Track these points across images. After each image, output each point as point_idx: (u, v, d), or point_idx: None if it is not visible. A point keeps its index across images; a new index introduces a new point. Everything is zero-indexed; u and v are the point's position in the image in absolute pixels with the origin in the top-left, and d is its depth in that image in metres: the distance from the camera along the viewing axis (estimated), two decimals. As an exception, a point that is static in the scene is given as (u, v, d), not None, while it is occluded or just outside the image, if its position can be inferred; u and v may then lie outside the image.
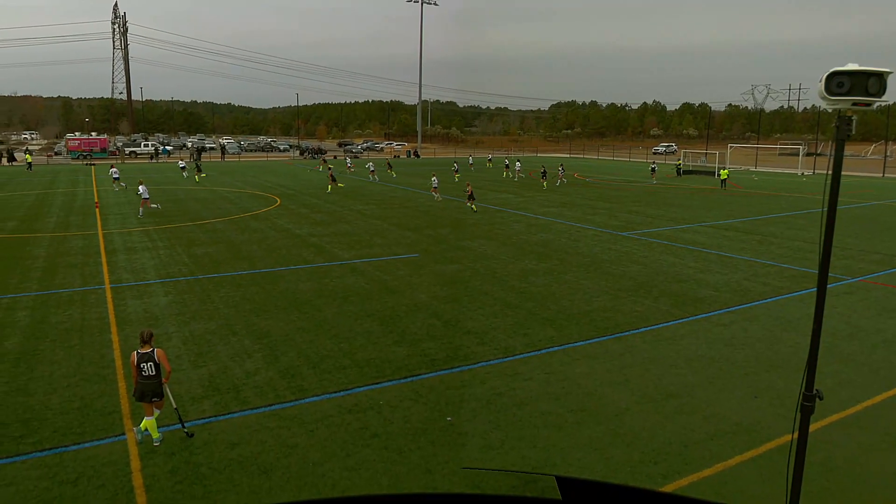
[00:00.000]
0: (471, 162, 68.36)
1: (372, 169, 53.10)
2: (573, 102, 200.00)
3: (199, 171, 50.21)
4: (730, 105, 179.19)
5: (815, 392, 5.06)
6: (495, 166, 68.85)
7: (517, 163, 59.34)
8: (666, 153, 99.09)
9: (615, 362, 12.18)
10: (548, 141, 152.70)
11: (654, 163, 56.62)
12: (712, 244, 24.12)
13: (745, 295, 16.94)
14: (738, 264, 20.67)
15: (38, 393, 10.77)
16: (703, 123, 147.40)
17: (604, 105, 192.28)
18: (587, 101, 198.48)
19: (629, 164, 74.94)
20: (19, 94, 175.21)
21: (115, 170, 46.23)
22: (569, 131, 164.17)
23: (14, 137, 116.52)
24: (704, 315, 15.18)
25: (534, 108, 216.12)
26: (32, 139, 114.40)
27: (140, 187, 31.27)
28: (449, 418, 9.87)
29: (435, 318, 14.88)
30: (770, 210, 34.61)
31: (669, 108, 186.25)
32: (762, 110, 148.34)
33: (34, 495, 7.87)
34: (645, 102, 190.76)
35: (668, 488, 8.02)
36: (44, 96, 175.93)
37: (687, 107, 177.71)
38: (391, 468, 8.50)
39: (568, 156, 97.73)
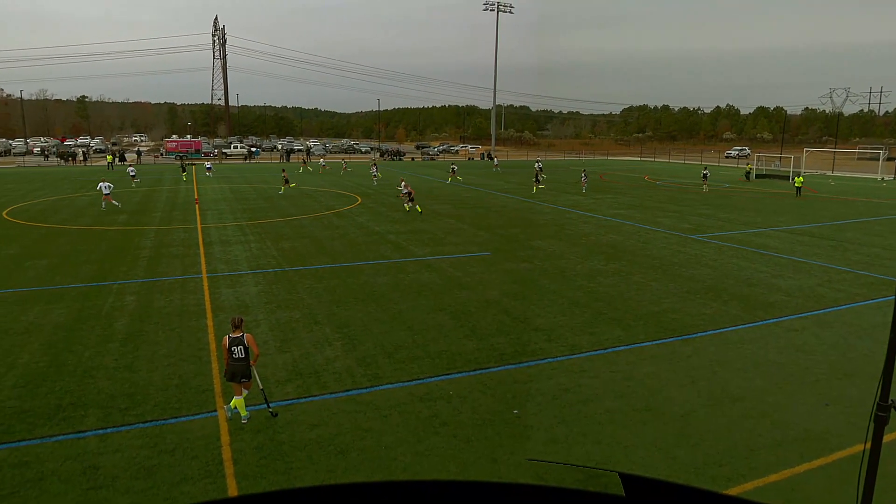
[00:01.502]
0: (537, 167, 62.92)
1: (375, 174, 49.22)
2: (645, 106, 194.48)
3: (287, 182, 43.17)
4: (806, 109, 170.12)
5: (890, 402, 4.76)
6: (564, 171, 67.70)
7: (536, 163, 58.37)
8: (738, 157, 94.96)
9: (682, 364, 11.80)
10: (619, 144, 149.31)
11: (705, 168, 50.68)
12: (785, 249, 22.98)
13: (818, 301, 16.06)
14: (811, 269, 19.62)
15: (142, 370, 11.37)
16: (778, 127, 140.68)
17: (676, 109, 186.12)
18: (659, 104, 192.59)
19: (699, 168, 72.35)
20: (131, 101, 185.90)
21: (132, 168, 48.76)
22: (640, 135, 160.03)
23: (126, 139, 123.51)
24: (775, 320, 14.48)
25: (606, 112, 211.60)
26: (142, 141, 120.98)
27: (101, 184, 32.94)
28: (515, 411, 9.82)
29: (504, 314, 14.82)
30: (847, 215, 32.65)
31: (743, 111, 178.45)
32: (840, 114, 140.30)
33: (137, 462, 8.32)
34: (718, 106, 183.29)
35: (733, 491, 7.71)
36: (152, 102, 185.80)
37: (762, 110, 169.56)
38: (459, 455, 8.53)
39: (639, 159, 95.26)
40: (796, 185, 42.58)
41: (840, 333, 13.59)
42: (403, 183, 33.97)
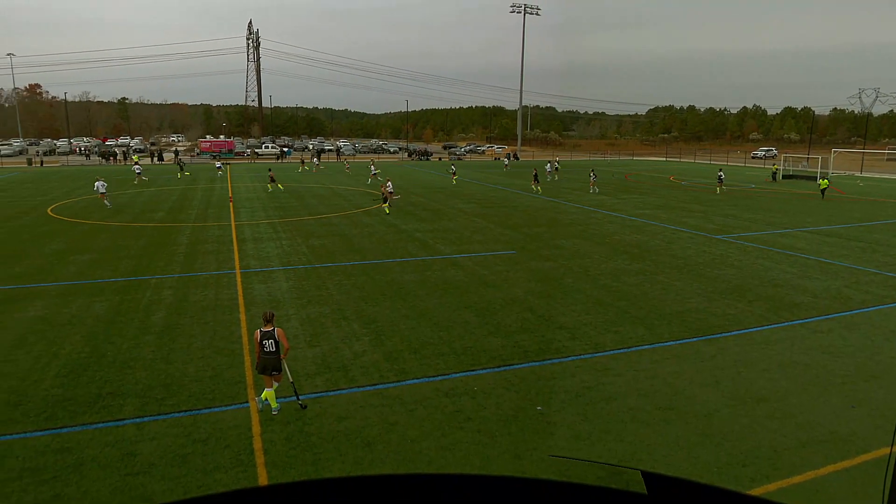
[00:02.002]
0: (549, 169, 57.26)
1: (374, 171, 47.88)
2: (671, 107, 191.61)
3: (273, 180, 43.45)
4: (834, 109, 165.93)
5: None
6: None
7: (547, 165, 57.59)
8: (765, 157, 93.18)
9: (706, 363, 11.63)
10: (644, 144, 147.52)
11: (720, 170, 47.39)
12: (811, 250, 22.49)
13: (845, 302, 15.70)
14: (838, 271, 19.18)
15: (178, 362, 11.58)
16: (806, 128, 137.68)
17: (702, 109, 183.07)
18: (685, 105, 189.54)
19: (726, 168, 71.18)
20: (169, 102, 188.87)
21: (138, 166, 49.60)
22: (665, 135, 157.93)
23: (164, 140, 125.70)
24: (801, 321, 14.19)
25: (631, 113, 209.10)
26: (179, 141, 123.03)
27: (97, 183, 33.56)
28: (539, 408, 9.78)
29: (529, 312, 14.76)
30: (875, 216, 31.82)
31: (770, 112, 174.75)
32: (870, 114, 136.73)
33: (172, 450, 8.48)
34: (745, 106, 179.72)
35: (756, 492, 7.58)
36: (189, 104, 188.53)
37: (789, 111, 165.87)
38: (482, 451, 8.53)
39: (664, 159, 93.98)
40: (821, 186, 40.61)
41: (867, 335, 13.27)
42: (389, 183, 34.33)
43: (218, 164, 57.97)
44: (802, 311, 14.96)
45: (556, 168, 57.72)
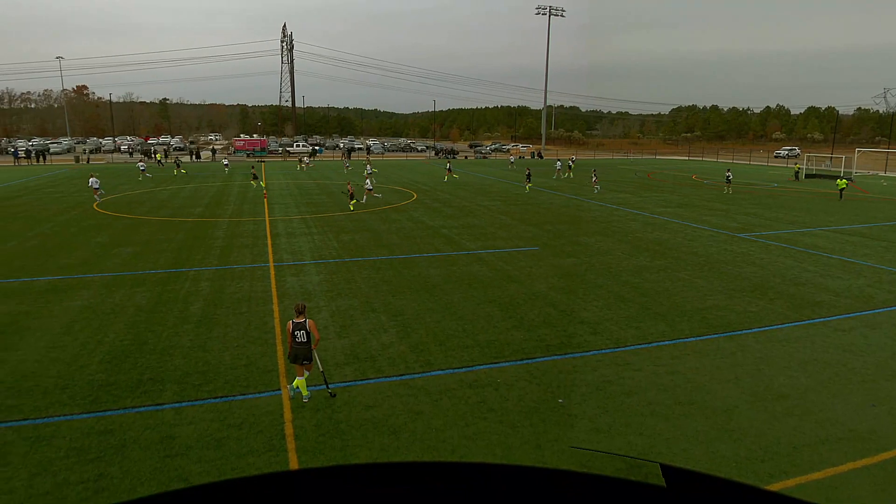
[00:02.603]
0: (559, 166, 56.63)
1: (369, 171, 45.63)
2: (694, 107, 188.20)
3: (255, 178, 40.67)
4: (859, 109, 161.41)
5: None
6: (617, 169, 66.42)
7: (557, 163, 57.74)
8: (788, 157, 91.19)
9: (726, 360, 11.44)
10: (667, 144, 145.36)
11: (729, 170, 45.15)
12: (834, 248, 21.96)
13: (867, 301, 15.30)
14: (861, 270, 18.70)
15: (214, 350, 11.77)
16: (829, 128, 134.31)
17: (725, 109, 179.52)
18: (708, 105, 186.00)
19: (748, 167, 69.80)
20: (207, 103, 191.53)
21: (142, 164, 51.08)
22: (688, 134, 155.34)
23: (202, 139, 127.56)
24: (822, 319, 13.88)
25: (654, 112, 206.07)
26: (216, 140, 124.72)
27: (91, 179, 34.90)
28: (560, 400, 9.73)
29: (551, 307, 14.68)
30: (900, 217, 30.94)
31: (794, 111, 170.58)
32: (894, 114, 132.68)
33: (208, 434, 8.63)
34: (768, 106, 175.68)
35: (775, 487, 7.44)
36: (226, 104, 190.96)
37: (812, 111, 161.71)
38: (505, 440, 8.51)
39: (687, 158, 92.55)
40: (840, 187, 38.30)
41: (889, 335, 12.93)
42: (368, 181, 34.48)
43: (225, 161, 58.93)
44: (824, 309, 14.63)
45: (570, 166, 56.88)
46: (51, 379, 10.42)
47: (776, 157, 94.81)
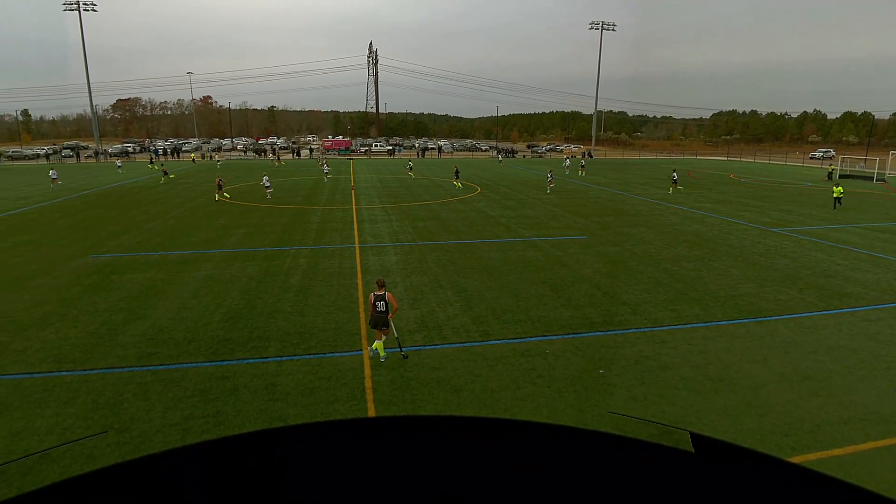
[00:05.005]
0: (567, 164, 54.56)
1: (325, 170, 43.81)
2: (734, 111, 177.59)
3: (220, 187, 31.63)
4: (894, 114, 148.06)
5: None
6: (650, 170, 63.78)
7: (567, 160, 55.49)
8: (823, 158, 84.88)
9: (755, 343, 10.87)
10: (707, 145, 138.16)
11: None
12: (864, 244, 20.36)
13: (895, 294, 14.15)
14: (890, 265, 17.26)
15: (310, 315, 12.17)
16: (865, 131, 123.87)
17: (763, 114, 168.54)
18: (747, 109, 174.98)
19: (784, 168, 65.52)
20: (307, 109, 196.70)
21: (150, 160, 52.39)
22: (728, 137, 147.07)
23: (302, 139, 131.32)
24: (850, 309, 12.92)
25: (696, 117, 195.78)
26: (313, 141, 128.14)
27: (51, 171, 38.21)
28: (601, 371, 9.53)
29: (596, 289, 14.35)
30: (933, 215, 28.28)
31: (830, 116, 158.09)
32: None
33: (303, 384, 8.97)
34: (805, 111, 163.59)
35: (797, 460, 7.04)
36: (322, 110, 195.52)
37: (849, 115, 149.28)
38: (551, 403, 8.44)
39: (725, 159, 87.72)
40: (835, 195, 29.67)
41: (918, 325, 11.91)
42: (266, 177, 33.44)
43: (325, 168, 58.81)
44: (852, 300, 13.63)
45: (583, 165, 54.37)
46: (181, 333, 11.08)
47: (811, 158, 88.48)
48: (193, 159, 68.94)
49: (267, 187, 32.47)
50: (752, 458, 1.21)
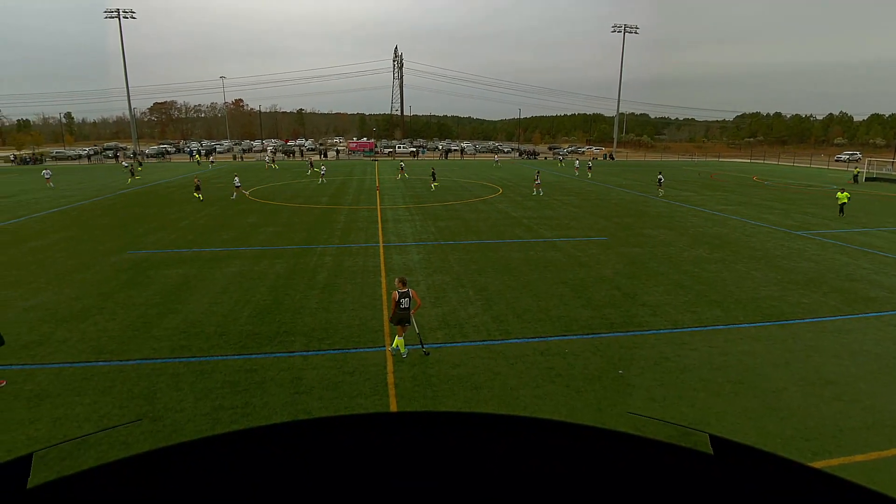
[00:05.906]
0: (577, 164, 56.03)
1: (271, 164, 44.00)
2: (757, 113, 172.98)
3: (198, 189, 31.89)
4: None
5: None
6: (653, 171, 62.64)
7: (576, 162, 55.07)
8: (849, 161, 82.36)
9: (777, 346, 10.60)
10: (730, 148, 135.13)
11: (660, 173, 38.99)
12: (890, 248, 19.69)
13: (925, 298, 13.63)
14: (920, 269, 16.66)
15: (335, 311, 12.29)
16: (893, 133, 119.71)
17: (788, 116, 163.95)
18: (771, 111, 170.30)
19: (809, 170, 63.76)
20: (334, 112, 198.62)
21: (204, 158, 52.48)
22: (751, 139, 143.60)
23: (329, 141, 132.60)
24: (875, 314, 12.52)
25: (719, 119, 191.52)
26: (339, 142, 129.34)
27: (44, 171, 39.83)
28: (620, 371, 9.41)
29: (616, 289, 14.17)
30: (964, 219, 27.20)
31: (857, 118, 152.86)
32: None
33: (328, 378, 9.05)
34: (831, 113, 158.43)
35: (818, 465, 6.85)
36: (348, 113, 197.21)
37: (875, 117, 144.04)
38: (569, 402, 8.36)
39: (749, 161, 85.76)
40: (840, 201, 27.26)
41: (947, 330, 11.47)
42: (237, 178, 33.64)
43: (267, 158, 59.65)
44: (877, 304, 13.20)
45: (590, 167, 53.44)
46: (211, 327, 11.29)
47: (837, 160, 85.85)
48: (198, 161, 66.84)
49: (237, 186, 32.57)
50: (773, 461, 1.18)
